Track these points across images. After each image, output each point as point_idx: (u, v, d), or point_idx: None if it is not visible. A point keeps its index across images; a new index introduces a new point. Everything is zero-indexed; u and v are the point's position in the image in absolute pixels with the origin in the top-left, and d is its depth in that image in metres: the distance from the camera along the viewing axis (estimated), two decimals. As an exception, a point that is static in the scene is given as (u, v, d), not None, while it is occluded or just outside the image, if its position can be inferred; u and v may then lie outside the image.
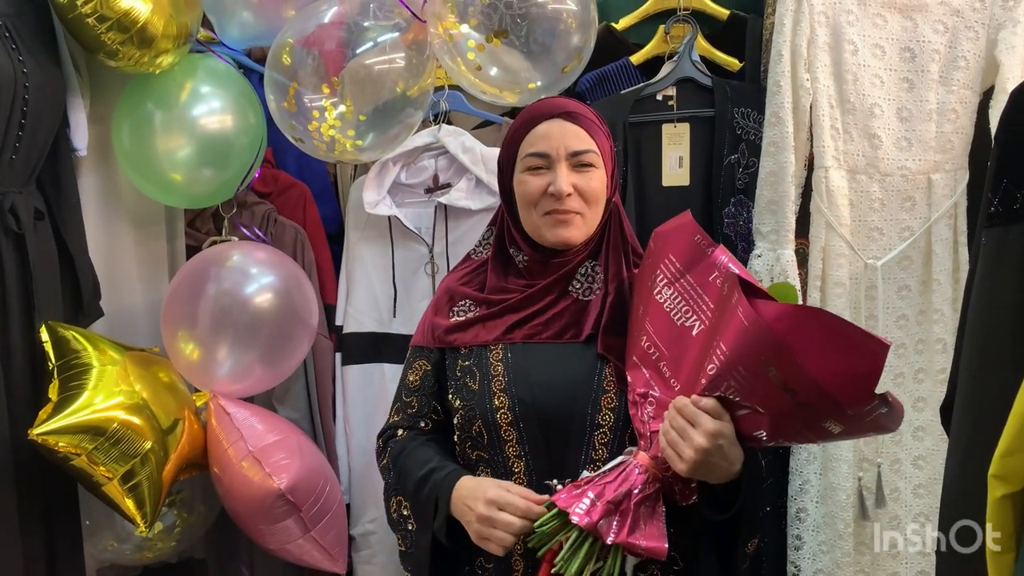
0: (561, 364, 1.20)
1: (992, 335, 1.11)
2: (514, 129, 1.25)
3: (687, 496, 1.10)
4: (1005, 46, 1.59)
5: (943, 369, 1.62)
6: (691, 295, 1.09)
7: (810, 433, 1.04)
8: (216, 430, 1.63)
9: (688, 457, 1.02)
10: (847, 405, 0.96)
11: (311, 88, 1.62)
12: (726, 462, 1.04)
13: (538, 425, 1.18)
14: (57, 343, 1.49)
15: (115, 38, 1.50)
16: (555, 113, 1.21)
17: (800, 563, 1.65)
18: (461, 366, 1.25)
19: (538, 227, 1.22)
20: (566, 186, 1.18)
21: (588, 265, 1.24)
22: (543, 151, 1.20)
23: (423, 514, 1.19)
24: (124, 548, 1.77)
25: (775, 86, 1.65)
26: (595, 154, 1.21)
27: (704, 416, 1.02)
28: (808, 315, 0.97)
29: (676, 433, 1.04)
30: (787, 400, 0.97)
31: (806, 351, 0.94)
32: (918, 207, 1.65)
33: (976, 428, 1.12)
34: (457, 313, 1.28)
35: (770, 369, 0.96)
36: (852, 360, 0.94)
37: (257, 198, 1.92)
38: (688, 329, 1.08)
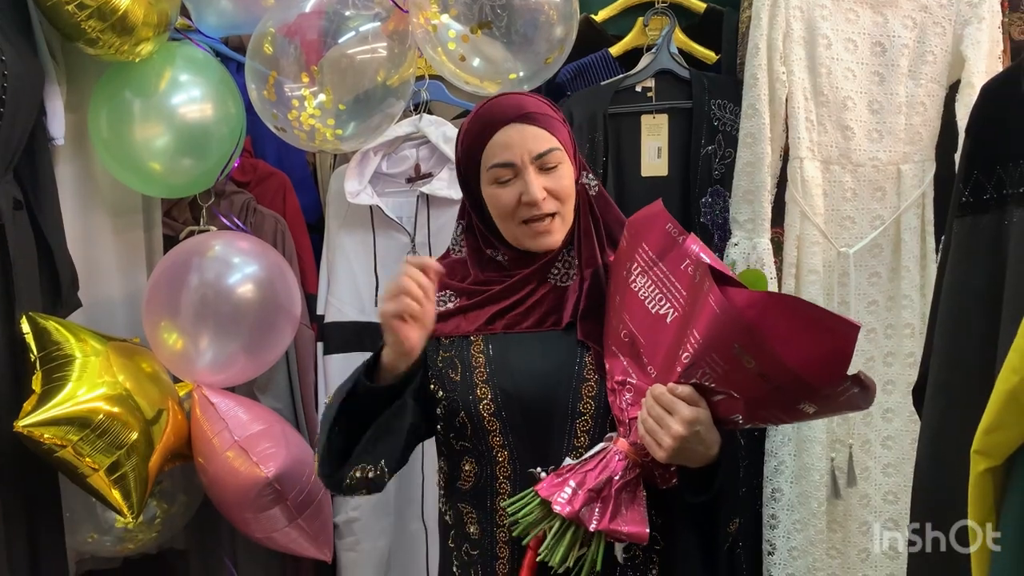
0: (542, 354, 1.21)
1: (962, 320, 1.16)
2: (471, 137, 1.21)
3: (667, 480, 1.12)
4: (971, 41, 1.65)
5: (911, 353, 1.69)
6: (664, 283, 1.11)
7: (785, 415, 1.07)
8: (200, 420, 1.63)
9: (667, 445, 1.04)
10: (820, 387, 0.98)
11: (291, 77, 1.62)
12: (703, 447, 1.06)
13: (520, 415, 1.19)
14: (39, 334, 1.48)
15: (95, 26, 1.48)
16: (511, 118, 1.19)
17: (775, 541, 1.70)
18: (443, 357, 1.25)
19: (517, 237, 1.21)
20: (539, 192, 1.17)
21: (564, 251, 1.24)
22: (507, 161, 1.18)
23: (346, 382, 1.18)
24: (105, 540, 1.76)
25: (752, 79, 1.69)
26: (559, 151, 1.19)
27: (681, 404, 1.03)
28: (778, 301, 0.99)
29: (654, 422, 1.05)
30: (761, 385, 0.99)
31: (777, 336, 0.96)
32: (888, 197, 1.71)
33: (948, 408, 1.17)
34: (438, 303, 1.26)
35: (743, 355, 0.98)
36: (823, 343, 0.96)
37: (236, 187, 1.91)
38: (663, 317, 1.10)
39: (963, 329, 1.15)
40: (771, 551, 1.71)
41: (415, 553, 1.86)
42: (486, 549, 1.20)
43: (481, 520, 1.21)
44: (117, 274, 1.82)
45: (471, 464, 1.21)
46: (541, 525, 1.11)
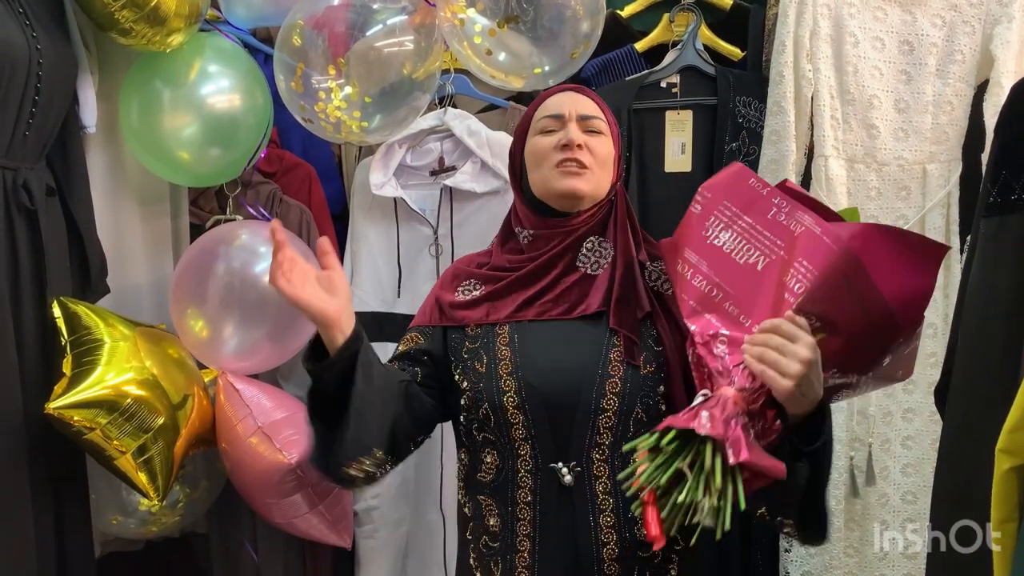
0: (568, 347, 1.21)
1: (987, 321, 1.16)
2: (528, 110, 1.31)
3: (771, 432, 1.06)
4: (1000, 41, 1.64)
5: (933, 353, 1.68)
6: (751, 233, 1.13)
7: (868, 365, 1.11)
8: (225, 406, 1.65)
9: (795, 371, 0.99)
10: (903, 327, 1.07)
11: (318, 69, 1.63)
12: (818, 382, 1.02)
13: (544, 409, 1.19)
14: (69, 319, 1.50)
15: (129, 16, 1.50)
16: (567, 88, 1.30)
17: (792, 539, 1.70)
18: (468, 348, 1.25)
19: (547, 179, 1.23)
20: (577, 136, 1.22)
21: (595, 240, 1.25)
22: (555, 112, 1.25)
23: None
24: (128, 522, 1.79)
25: (778, 76, 1.69)
26: (603, 123, 1.27)
27: (802, 332, 1.01)
28: (878, 230, 1.06)
29: (775, 353, 1.01)
30: (861, 320, 1.05)
31: (878, 267, 1.04)
32: (913, 196, 1.70)
33: (970, 409, 1.17)
34: (463, 291, 1.29)
35: (850, 288, 1.04)
36: (913, 270, 1.05)
37: (262, 177, 1.93)
38: (752, 266, 1.11)
39: (988, 329, 1.15)
40: (788, 548, 1.71)
41: (433, 542, 1.88)
42: (506, 541, 1.20)
43: (502, 513, 1.21)
44: (144, 261, 1.84)
45: (493, 456, 1.22)
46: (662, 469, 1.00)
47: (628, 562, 1.18)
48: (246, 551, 1.90)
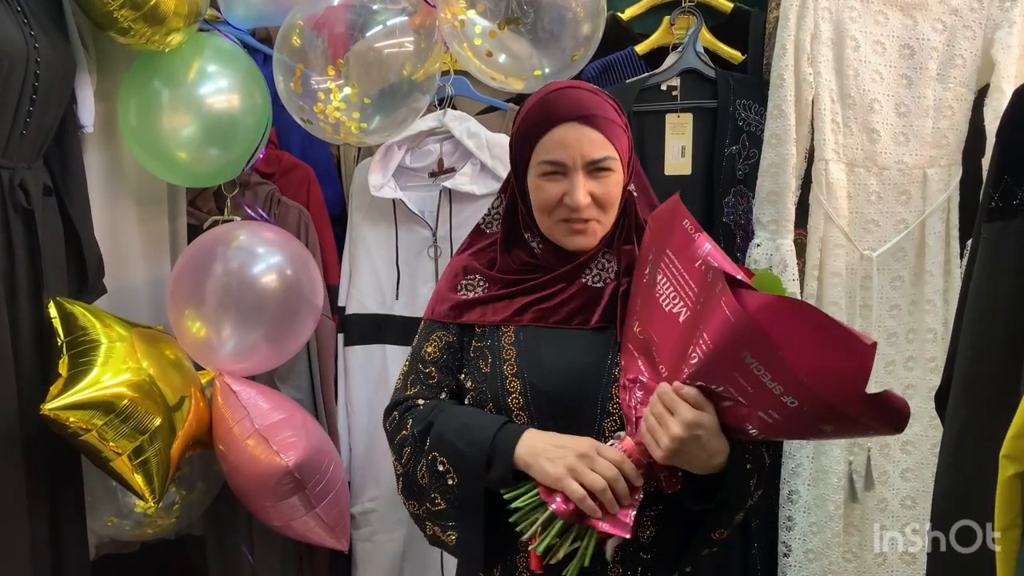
0: (573, 350, 1.20)
1: (988, 326, 1.16)
2: (529, 125, 1.19)
3: (672, 485, 1.10)
4: (1001, 46, 1.64)
5: (933, 358, 1.68)
6: (678, 280, 1.07)
7: (800, 431, 1.03)
8: (222, 408, 1.64)
9: (664, 445, 1.02)
10: (835, 404, 0.92)
11: (317, 70, 1.63)
12: (705, 454, 1.03)
13: (549, 411, 1.18)
14: (65, 319, 1.50)
15: (127, 15, 1.50)
16: (573, 116, 1.16)
17: (791, 543, 1.70)
18: (475, 347, 1.25)
19: (553, 231, 1.20)
20: (583, 198, 1.15)
21: (599, 254, 1.23)
22: (559, 160, 1.16)
23: (472, 464, 1.14)
24: (124, 524, 1.77)
25: (778, 79, 1.69)
26: (612, 159, 1.17)
27: (683, 405, 1.01)
28: (791, 307, 0.94)
29: (655, 420, 1.03)
30: (771, 396, 0.94)
31: (789, 344, 0.91)
32: (913, 200, 1.70)
33: (971, 414, 1.17)
34: (466, 287, 1.27)
35: (752, 362, 0.93)
36: (837, 357, 0.90)
37: (260, 178, 1.92)
38: (675, 316, 1.06)
39: (989, 334, 1.15)
40: (787, 553, 1.70)
41: (430, 546, 1.87)
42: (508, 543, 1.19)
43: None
44: (142, 262, 1.83)
45: None
46: (535, 515, 1.10)
47: (631, 562, 1.17)
48: (242, 554, 1.89)
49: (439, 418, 1.20)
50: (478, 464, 1.14)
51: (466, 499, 1.15)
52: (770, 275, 1.06)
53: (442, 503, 1.18)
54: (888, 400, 0.93)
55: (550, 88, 1.21)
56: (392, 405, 1.30)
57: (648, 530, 1.18)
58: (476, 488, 1.14)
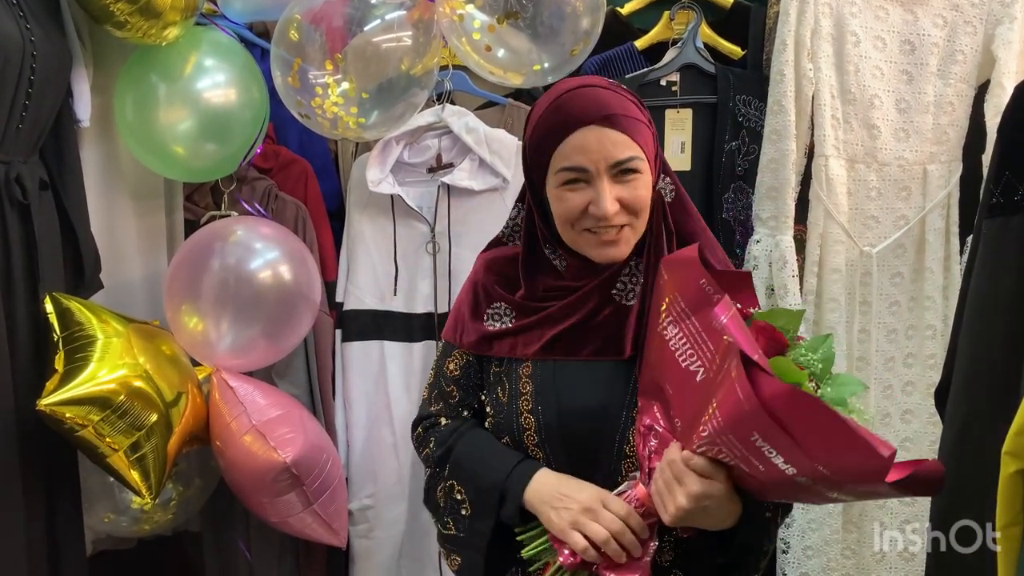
0: (592, 388, 1.13)
1: (989, 323, 1.16)
2: (544, 130, 1.09)
3: (686, 530, 1.07)
4: (1002, 41, 1.64)
5: (932, 354, 1.68)
6: (696, 339, 1.01)
7: (818, 500, 0.99)
8: (219, 404, 1.63)
9: (671, 512, 0.99)
10: (855, 484, 0.90)
11: (315, 64, 1.62)
12: (713, 520, 1.00)
13: (563, 450, 1.13)
14: (61, 314, 1.49)
15: (124, 9, 1.49)
16: (592, 119, 1.06)
17: (790, 539, 1.70)
18: (494, 371, 1.20)
19: (578, 244, 1.11)
20: (611, 205, 1.06)
21: (632, 263, 1.13)
22: (581, 166, 1.06)
23: (485, 500, 1.14)
24: (121, 520, 1.77)
25: (778, 75, 1.68)
26: (639, 159, 1.07)
27: (691, 476, 0.97)
28: (805, 402, 0.88)
29: (664, 485, 1.00)
30: (784, 474, 0.90)
31: (802, 434, 0.87)
32: (913, 197, 1.70)
33: (971, 411, 1.17)
34: (492, 318, 1.20)
35: (764, 445, 0.90)
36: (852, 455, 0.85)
37: (258, 173, 1.91)
38: (693, 373, 1.00)
39: (990, 330, 1.15)
40: (785, 549, 1.70)
41: (428, 542, 1.87)
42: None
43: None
44: (138, 257, 1.82)
45: None
46: (545, 558, 1.10)
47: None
48: (239, 550, 1.88)
49: (458, 445, 1.20)
50: (490, 504, 1.13)
51: (475, 532, 1.15)
52: (787, 362, 0.99)
53: (453, 529, 1.19)
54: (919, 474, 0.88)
55: (563, 88, 1.10)
56: (418, 419, 1.29)
57: (667, 554, 1.13)
58: (486, 525, 1.14)
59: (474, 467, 1.17)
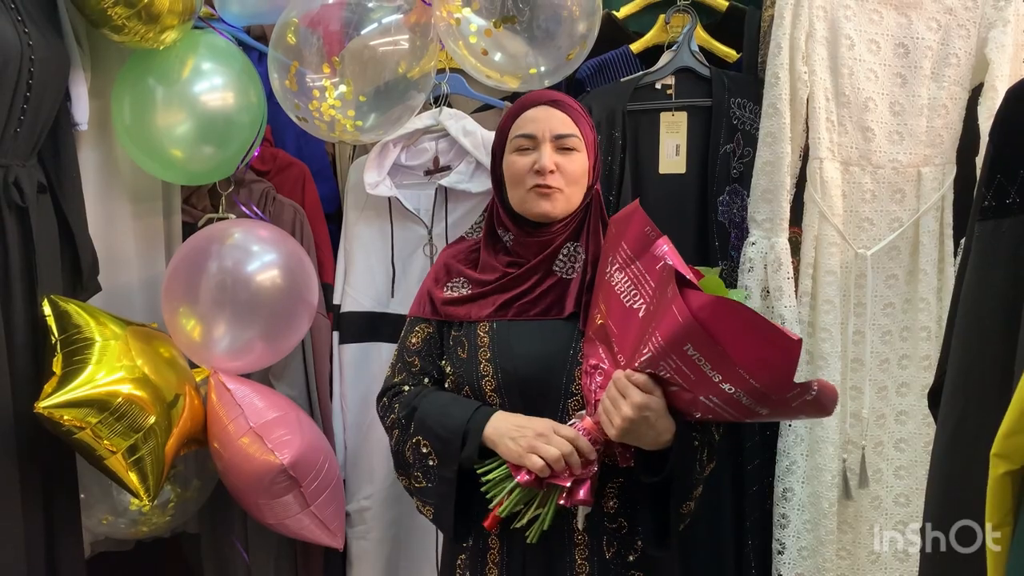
0: (541, 339, 1.33)
1: (981, 325, 1.16)
2: (506, 117, 1.38)
3: (626, 459, 1.25)
4: (995, 45, 1.64)
5: (927, 356, 1.68)
6: (639, 280, 1.20)
7: (740, 413, 1.13)
8: (216, 406, 1.64)
9: (616, 424, 1.16)
10: (768, 390, 1.06)
11: (312, 67, 1.63)
12: (653, 432, 1.17)
13: (518, 392, 1.32)
14: (59, 317, 1.49)
15: (121, 13, 1.49)
16: (543, 101, 1.35)
17: (785, 540, 1.70)
18: (453, 336, 1.40)
19: (523, 201, 1.34)
20: (549, 163, 1.31)
21: (570, 246, 1.36)
22: (530, 132, 1.33)
23: (448, 447, 1.30)
24: (119, 522, 1.78)
25: (773, 78, 1.69)
26: (578, 139, 1.34)
27: (633, 389, 1.15)
28: (727, 307, 1.06)
29: (609, 402, 1.18)
30: (712, 383, 1.08)
31: (727, 339, 1.05)
32: (907, 199, 1.71)
33: (964, 412, 1.17)
34: (452, 288, 1.42)
35: (695, 354, 1.07)
36: (768, 351, 1.04)
37: (255, 176, 1.92)
38: (635, 311, 1.19)
39: (982, 333, 1.15)
40: (781, 550, 1.71)
41: (425, 543, 1.87)
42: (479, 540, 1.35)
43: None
44: (136, 260, 1.83)
45: None
46: (504, 485, 1.26)
47: (596, 531, 1.30)
48: (237, 552, 1.89)
49: (422, 404, 1.36)
50: (454, 448, 1.30)
51: (442, 479, 1.31)
52: (716, 279, 1.18)
53: (423, 481, 1.35)
54: (815, 387, 1.07)
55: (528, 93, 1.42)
56: (383, 391, 1.46)
57: (612, 501, 1.32)
58: (451, 470, 1.30)
59: (437, 419, 1.33)
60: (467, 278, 1.42)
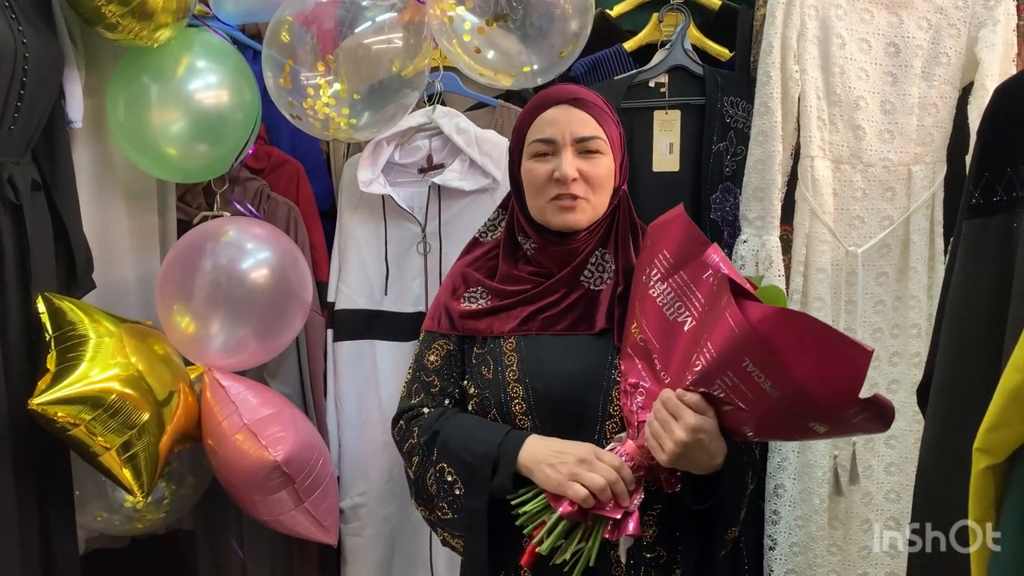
0: (574, 356, 1.21)
1: (969, 322, 1.17)
2: (523, 115, 1.26)
3: (672, 484, 1.13)
4: (985, 44, 1.65)
5: (917, 353, 1.69)
6: (684, 291, 1.10)
7: (795, 432, 1.07)
8: (211, 403, 1.65)
9: (668, 449, 1.06)
10: (831, 407, 0.98)
11: (307, 66, 1.63)
12: (707, 455, 1.07)
13: (551, 415, 1.20)
14: (53, 314, 1.50)
15: (115, 11, 1.50)
16: (562, 99, 1.21)
17: (776, 536, 1.71)
18: (476, 353, 1.26)
19: (544, 212, 1.22)
20: (571, 170, 1.18)
21: (598, 253, 1.24)
22: (549, 137, 1.20)
23: (477, 474, 1.17)
24: (114, 519, 1.78)
25: (765, 76, 1.70)
26: (602, 141, 1.21)
27: (686, 410, 1.04)
28: (792, 318, 0.99)
29: (659, 425, 1.07)
30: (771, 400, 0.99)
31: (789, 353, 0.96)
32: (898, 197, 1.72)
33: (952, 408, 1.18)
34: (469, 299, 1.29)
35: (754, 371, 0.98)
36: (835, 364, 0.96)
37: (250, 174, 1.92)
38: (680, 324, 1.09)
39: (969, 329, 1.16)
40: (772, 546, 1.72)
41: (419, 540, 1.88)
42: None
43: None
44: (131, 257, 1.83)
45: None
46: (542, 517, 1.14)
47: (635, 562, 1.19)
48: (232, 548, 1.89)
49: (444, 427, 1.23)
50: (483, 475, 1.17)
51: (472, 509, 1.18)
52: (774, 288, 1.10)
53: (449, 512, 1.21)
54: (877, 402, 0.99)
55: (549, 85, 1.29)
56: (399, 414, 1.33)
57: (651, 529, 1.20)
58: (481, 500, 1.17)
59: (463, 444, 1.20)
60: (486, 288, 1.28)
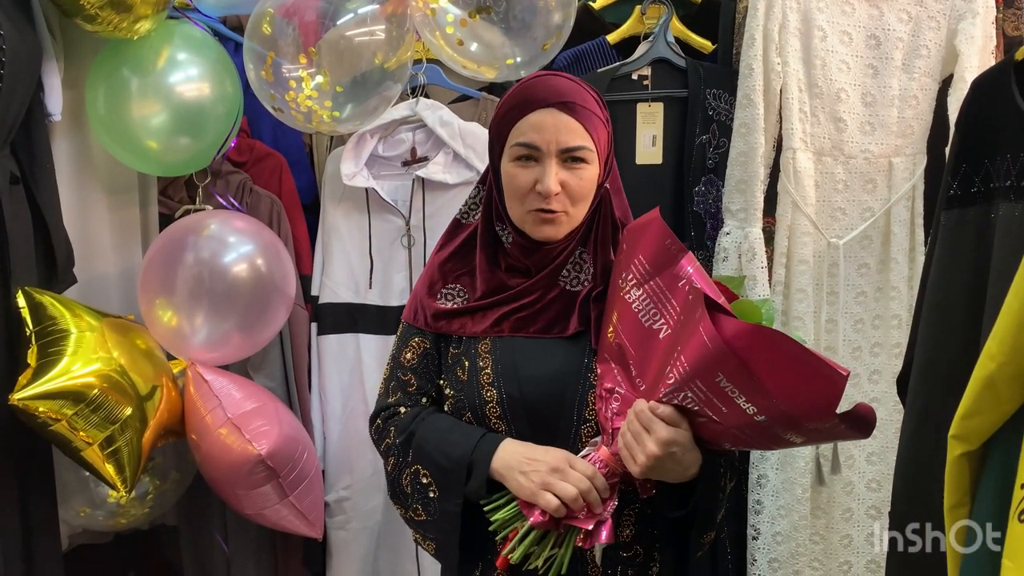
0: (549, 359, 1.19)
1: (946, 310, 1.19)
2: (507, 108, 1.18)
3: (647, 490, 1.12)
4: (964, 36, 1.67)
5: (898, 343, 1.71)
6: (659, 298, 1.08)
7: (772, 443, 1.05)
8: (194, 397, 1.64)
9: (640, 462, 1.04)
10: (806, 421, 0.96)
11: (289, 58, 1.62)
12: (680, 467, 1.05)
13: (526, 419, 1.18)
14: (34, 309, 1.48)
15: (94, 2, 1.48)
16: (551, 102, 1.14)
17: (760, 526, 1.73)
18: (452, 353, 1.25)
19: (523, 220, 1.19)
20: (554, 186, 1.13)
21: (577, 253, 1.21)
22: (534, 143, 1.14)
23: (451, 478, 1.16)
24: (97, 514, 1.77)
25: (747, 69, 1.70)
26: (589, 151, 1.15)
27: (659, 424, 1.03)
28: (766, 336, 0.95)
29: (632, 437, 1.05)
30: (744, 414, 0.97)
31: (763, 369, 0.94)
32: (879, 189, 1.73)
33: (930, 398, 1.20)
34: (446, 296, 1.26)
35: (727, 385, 0.96)
36: (810, 382, 0.93)
37: (232, 167, 1.91)
38: (656, 332, 1.07)
39: (947, 319, 1.18)
40: (755, 536, 1.73)
41: (404, 533, 1.88)
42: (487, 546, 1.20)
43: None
44: (112, 251, 1.82)
45: None
46: (515, 524, 1.13)
47: (611, 562, 1.18)
48: (217, 543, 1.89)
49: (420, 429, 1.22)
50: (457, 479, 1.16)
51: (445, 513, 1.17)
52: (750, 302, 1.06)
53: (423, 514, 1.20)
54: (856, 413, 0.96)
55: (531, 76, 1.20)
56: (375, 413, 1.31)
57: (627, 529, 1.19)
58: (455, 503, 1.16)
59: (438, 447, 1.19)
60: (463, 287, 1.25)
